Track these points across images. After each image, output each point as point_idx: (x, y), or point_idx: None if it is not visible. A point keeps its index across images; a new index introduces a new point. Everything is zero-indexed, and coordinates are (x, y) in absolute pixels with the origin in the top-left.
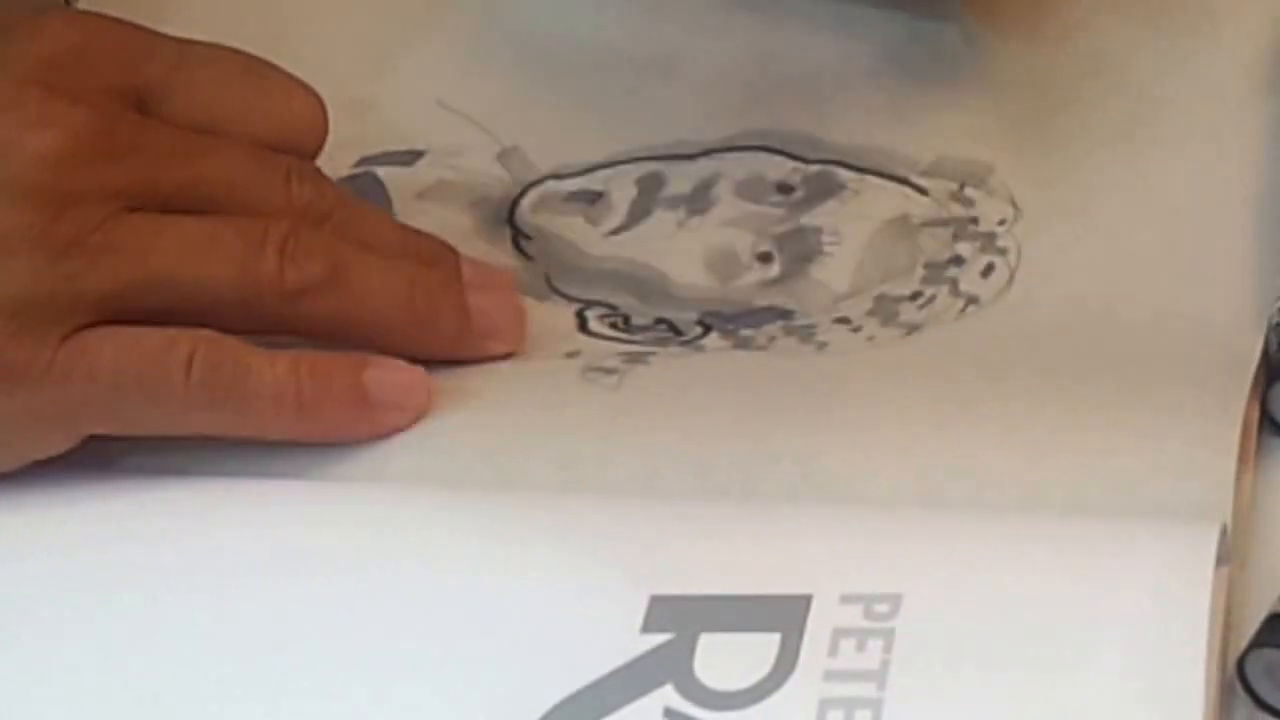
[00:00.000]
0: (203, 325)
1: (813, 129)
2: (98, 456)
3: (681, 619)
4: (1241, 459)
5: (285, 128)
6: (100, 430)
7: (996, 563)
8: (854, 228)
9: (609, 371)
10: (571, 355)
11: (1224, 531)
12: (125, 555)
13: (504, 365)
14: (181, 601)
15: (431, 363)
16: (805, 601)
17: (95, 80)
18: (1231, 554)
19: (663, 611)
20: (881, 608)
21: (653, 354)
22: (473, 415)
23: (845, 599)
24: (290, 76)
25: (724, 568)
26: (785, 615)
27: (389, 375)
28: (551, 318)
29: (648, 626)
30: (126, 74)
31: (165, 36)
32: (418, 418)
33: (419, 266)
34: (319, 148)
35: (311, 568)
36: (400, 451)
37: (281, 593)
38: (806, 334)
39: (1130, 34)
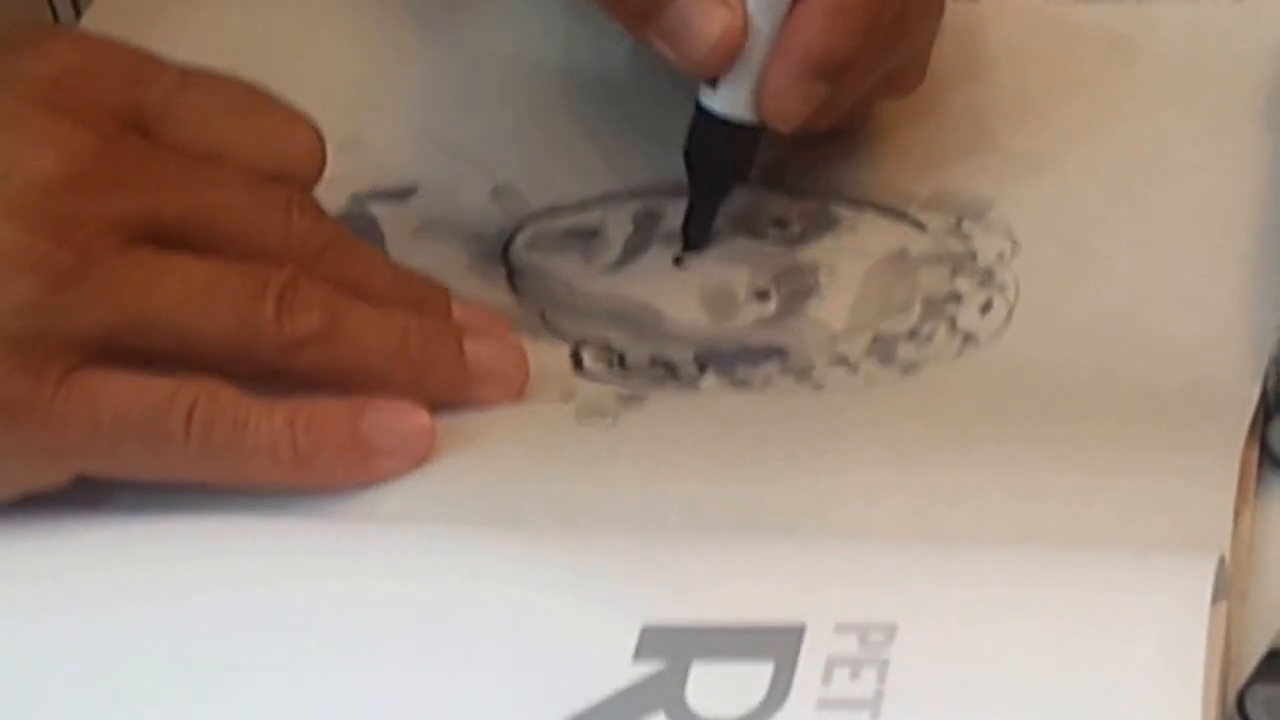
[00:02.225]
0: (197, 368)
1: (810, 164)
2: (90, 489)
3: (673, 648)
4: (1241, 496)
5: (284, 158)
6: (97, 473)
7: (992, 593)
8: (851, 263)
9: (603, 414)
10: (566, 397)
11: (1222, 564)
12: (127, 605)
13: (499, 408)
14: (176, 637)
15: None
16: (799, 630)
17: (96, 100)
18: (1230, 589)
19: (654, 640)
20: (876, 636)
21: (648, 396)
22: (466, 457)
23: (840, 628)
24: (290, 107)
25: (716, 597)
26: (778, 644)
27: (389, 421)
28: (546, 357)
29: (639, 655)
30: (128, 95)
31: (168, 61)
32: (418, 464)
33: (416, 314)
34: (317, 179)
35: (302, 602)
36: (393, 493)
37: (271, 626)
38: (803, 374)
39: (1128, 69)
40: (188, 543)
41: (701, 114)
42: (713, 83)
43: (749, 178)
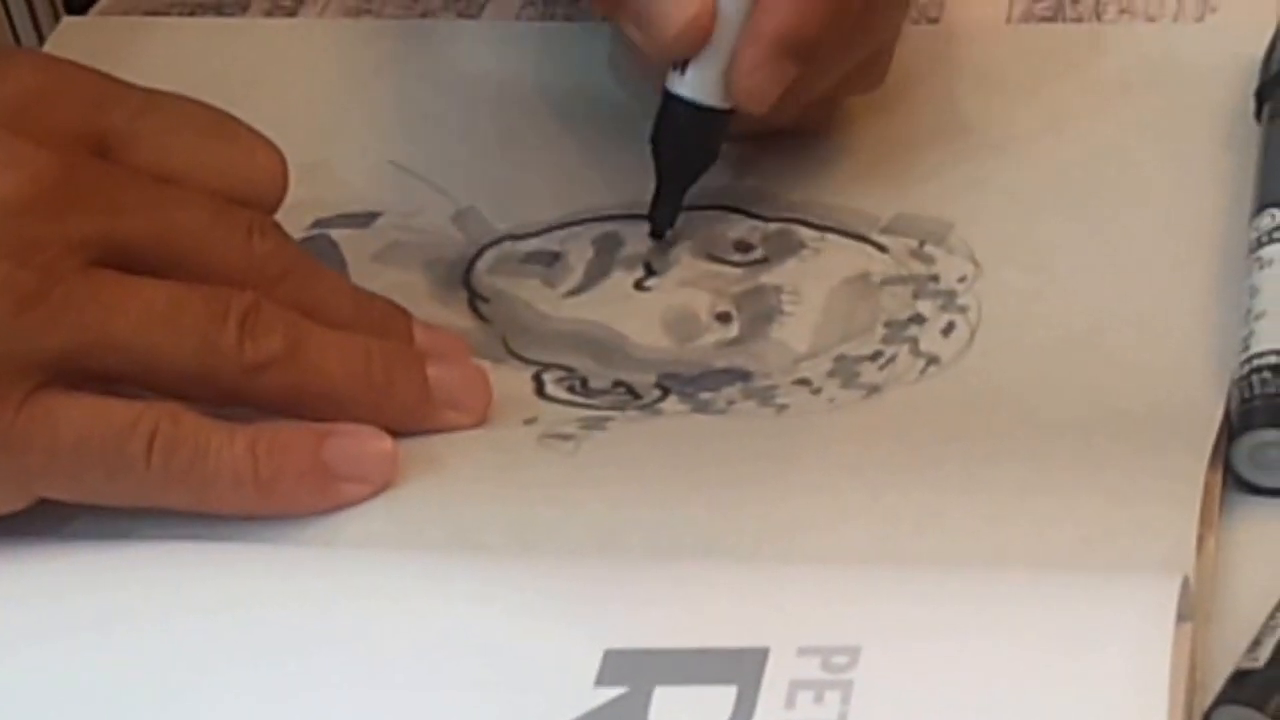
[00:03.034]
0: (159, 391)
1: (772, 187)
2: (51, 513)
3: (636, 672)
4: (1205, 520)
5: (247, 181)
6: (58, 497)
7: (956, 615)
8: (814, 286)
9: (566, 438)
10: (529, 422)
11: (1186, 585)
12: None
13: (461, 432)
14: (137, 663)
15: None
16: (762, 654)
17: (59, 123)
18: (1196, 610)
19: (617, 664)
20: (840, 660)
21: (610, 419)
22: (428, 482)
23: (803, 651)
24: (253, 130)
25: (679, 621)
26: (742, 667)
27: (351, 446)
28: (508, 382)
29: (602, 679)
30: (90, 118)
31: (130, 84)
32: (381, 490)
33: (378, 339)
34: (279, 203)
35: (260, 627)
36: (355, 518)
37: (229, 652)
38: (766, 396)
39: (1091, 91)
40: (148, 568)
41: (670, 100)
42: (682, 68)
43: (714, 164)
